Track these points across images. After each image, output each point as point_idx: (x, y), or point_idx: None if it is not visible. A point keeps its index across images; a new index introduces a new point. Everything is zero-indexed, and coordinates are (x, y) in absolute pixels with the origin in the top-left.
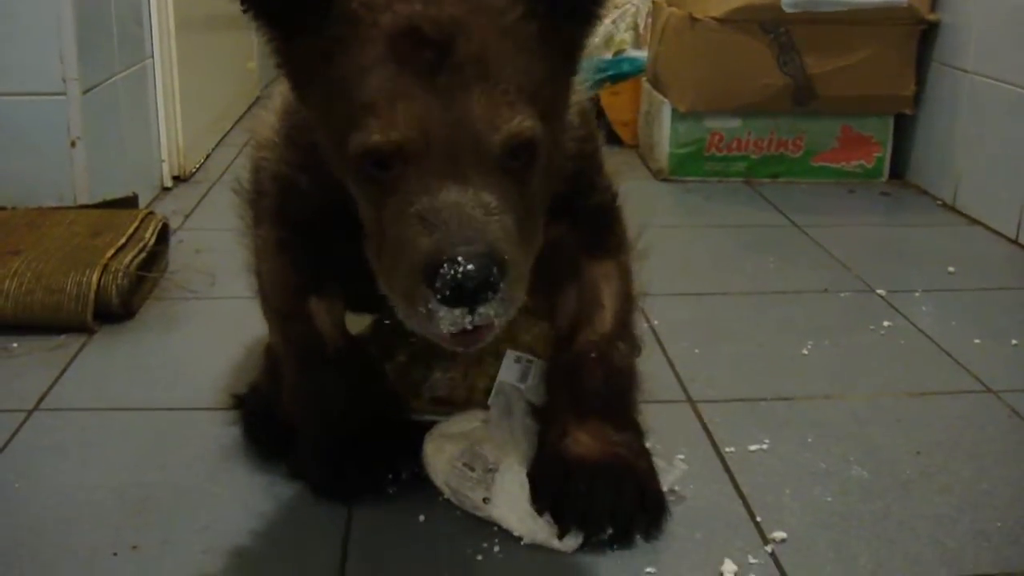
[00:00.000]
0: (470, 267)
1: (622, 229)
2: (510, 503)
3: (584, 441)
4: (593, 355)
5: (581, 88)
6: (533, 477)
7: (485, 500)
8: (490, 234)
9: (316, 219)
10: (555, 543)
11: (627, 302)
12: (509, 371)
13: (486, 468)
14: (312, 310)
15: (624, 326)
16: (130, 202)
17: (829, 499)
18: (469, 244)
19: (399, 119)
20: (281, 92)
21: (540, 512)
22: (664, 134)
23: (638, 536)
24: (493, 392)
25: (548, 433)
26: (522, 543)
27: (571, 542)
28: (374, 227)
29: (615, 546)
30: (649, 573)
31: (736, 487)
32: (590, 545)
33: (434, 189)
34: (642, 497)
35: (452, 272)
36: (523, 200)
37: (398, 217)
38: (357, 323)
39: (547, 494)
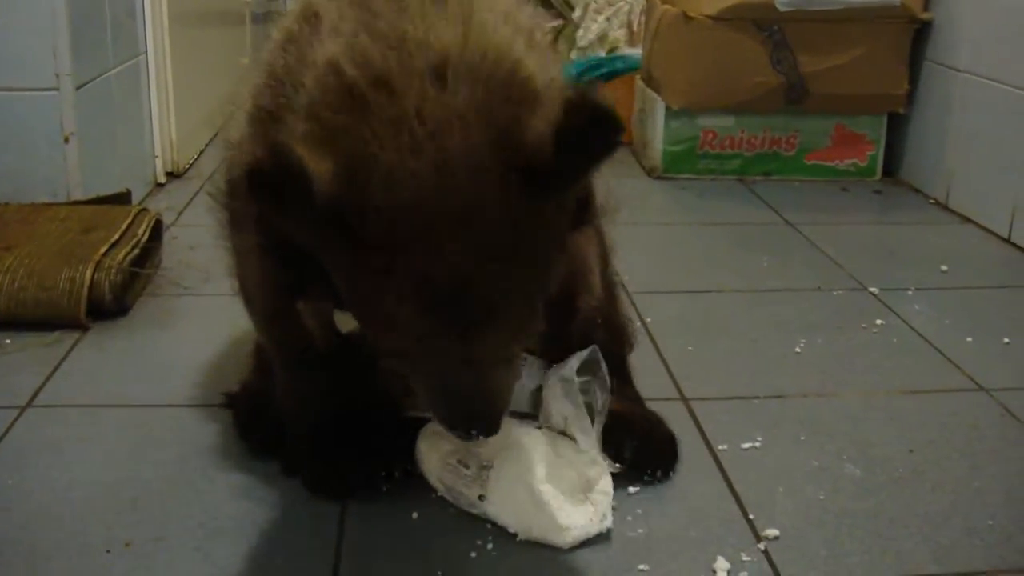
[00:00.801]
0: (480, 433)
1: (594, 195)
2: (505, 500)
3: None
4: (598, 319)
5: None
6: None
7: (480, 497)
8: (498, 404)
9: None
10: (550, 539)
11: (607, 262)
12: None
13: (480, 465)
14: (299, 311)
15: (610, 285)
16: (123, 198)
17: (822, 497)
18: (483, 425)
19: (419, 352)
20: (251, 92)
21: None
22: (657, 132)
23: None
24: None
25: None
26: (517, 539)
27: (567, 537)
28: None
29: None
30: (642, 571)
31: (729, 485)
32: (583, 542)
33: (448, 375)
34: (662, 442)
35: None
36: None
37: (416, 377)
38: (349, 321)
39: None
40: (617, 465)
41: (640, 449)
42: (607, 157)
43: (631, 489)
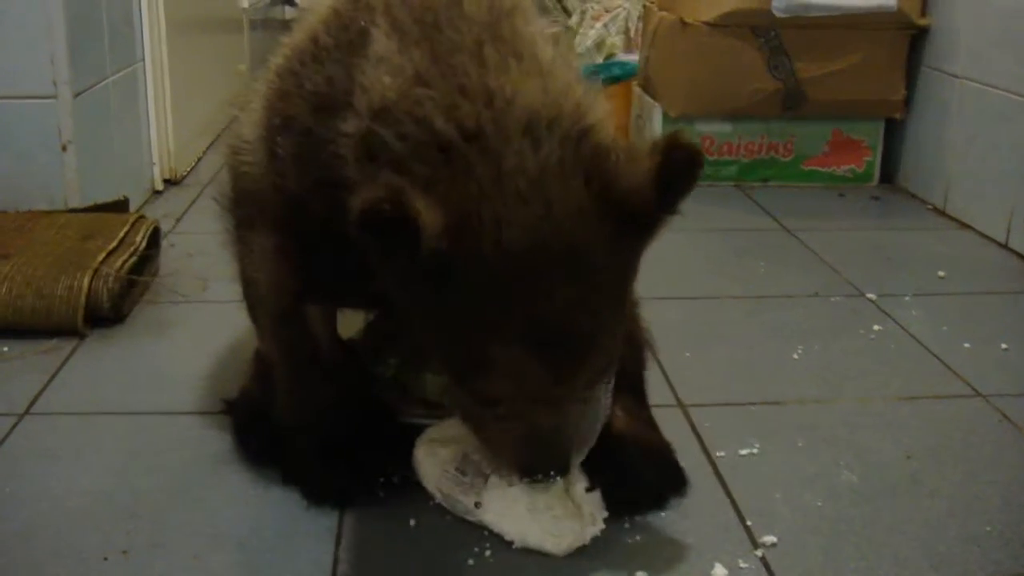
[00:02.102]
0: (558, 475)
1: None
2: (501, 507)
3: (620, 416)
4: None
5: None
6: None
7: (477, 504)
8: (575, 445)
9: (318, 230)
10: (547, 547)
11: None
12: None
13: (478, 472)
14: (308, 316)
15: (634, 302)
16: (121, 206)
17: (819, 503)
18: (562, 467)
19: (521, 402)
20: (264, 95)
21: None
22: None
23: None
24: None
25: None
26: (513, 547)
27: (562, 545)
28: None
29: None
30: (637, 575)
31: (727, 491)
32: (580, 549)
33: (535, 417)
34: (672, 471)
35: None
36: None
37: (493, 424)
38: (348, 327)
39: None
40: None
41: (639, 485)
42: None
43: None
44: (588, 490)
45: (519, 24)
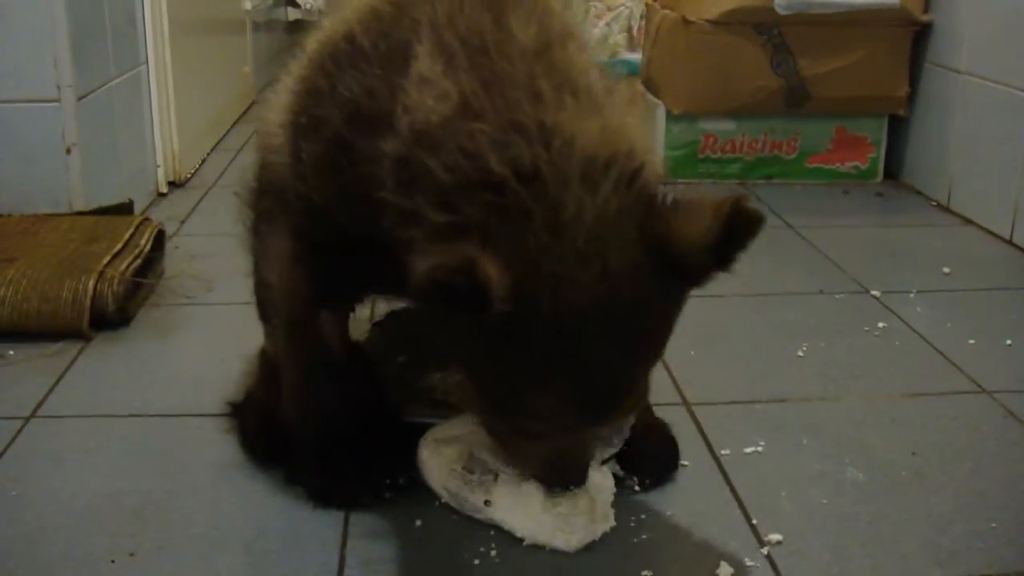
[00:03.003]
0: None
1: None
2: (511, 504)
3: None
4: None
5: None
6: None
7: (486, 502)
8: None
9: (337, 238)
10: (557, 544)
11: None
12: None
13: (486, 470)
14: (320, 321)
15: None
16: (125, 208)
17: (824, 501)
18: (580, 479)
19: (554, 436)
20: (295, 78)
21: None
22: (658, 136)
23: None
24: None
25: None
26: (523, 544)
27: (572, 541)
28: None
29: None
30: (643, 573)
31: (732, 489)
32: (586, 548)
33: (561, 444)
34: (670, 445)
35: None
36: None
37: (522, 447)
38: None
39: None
40: (618, 468)
41: (638, 456)
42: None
43: (634, 494)
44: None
45: (571, 52)
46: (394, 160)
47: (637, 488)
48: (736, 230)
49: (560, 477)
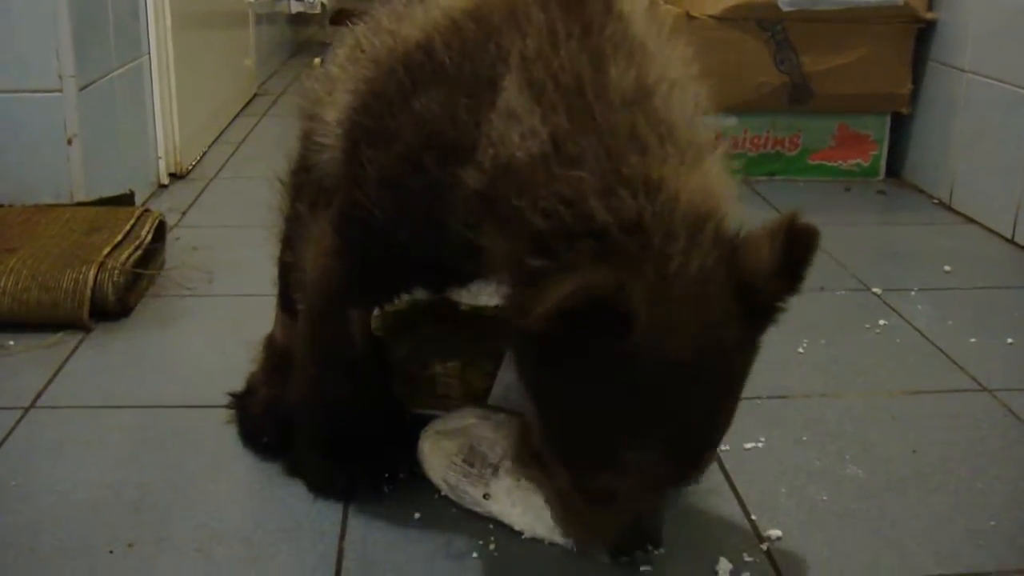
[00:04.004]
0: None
1: None
2: (513, 498)
3: None
4: None
5: None
6: None
7: (486, 496)
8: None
9: (389, 248)
10: (556, 538)
11: None
12: (510, 369)
13: (485, 464)
14: (349, 318)
15: None
16: (126, 199)
17: (824, 497)
18: (654, 543)
19: (633, 496)
20: (355, 79)
21: None
22: None
23: None
24: (494, 389)
25: None
26: (522, 538)
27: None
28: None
29: None
30: (645, 572)
31: (731, 486)
32: None
33: (638, 506)
34: None
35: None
36: None
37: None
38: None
39: None
40: None
41: None
42: None
43: None
44: None
45: (674, 101)
46: (475, 193)
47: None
48: (796, 249)
49: (636, 543)
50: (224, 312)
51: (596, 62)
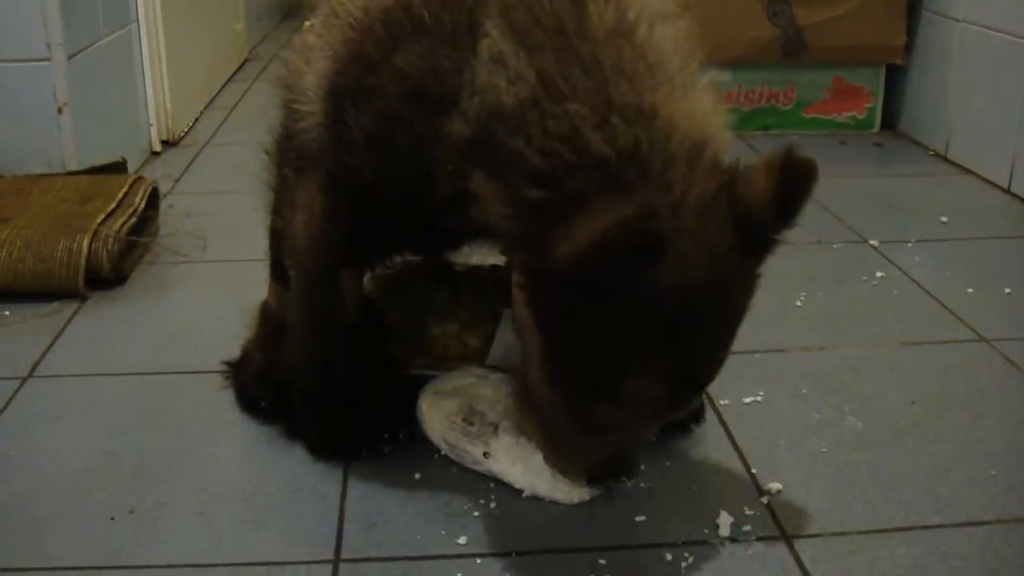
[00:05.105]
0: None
1: None
2: (513, 456)
3: None
4: None
5: None
6: None
7: (486, 454)
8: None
9: (380, 207)
10: (556, 495)
11: None
12: (507, 329)
13: (485, 423)
14: (341, 280)
15: None
16: (119, 167)
17: (824, 450)
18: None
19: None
20: (332, 43)
21: None
22: None
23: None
24: (492, 349)
25: None
26: (523, 496)
27: (574, 497)
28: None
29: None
30: (643, 523)
31: (731, 439)
32: (589, 497)
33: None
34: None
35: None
36: None
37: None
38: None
39: None
40: None
41: None
42: None
43: None
44: None
45: (657, 33)
46: (463, 141)
47: (652, 438)
48: (792, 182)
49: (611, 471)
50: (219, 278)
51: (575, 1)
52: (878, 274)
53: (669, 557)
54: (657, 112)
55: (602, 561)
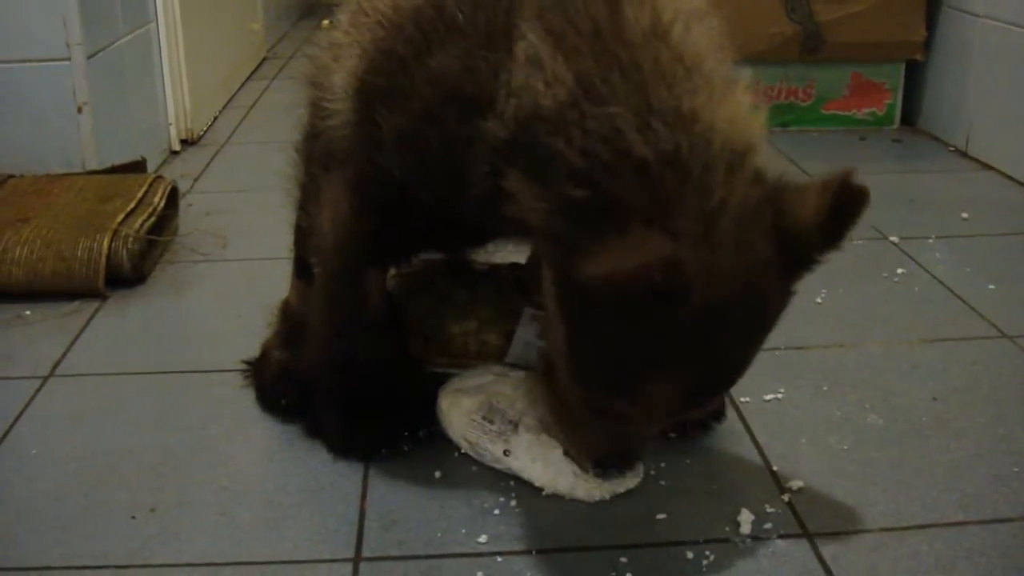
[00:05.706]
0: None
1: None
2: (533, 454)
3: None
4: None
5: None
6: None
7: (506, 452)
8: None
9: (410, 206)
10: (577, 493)
11: None
12: (527, 327)
13: (505, 420)
14: (366, 278)
15: None
16: (139, 167)
17: (845, 447)
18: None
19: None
20: (361, 43)
21: None
22: None
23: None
24: (511, 347)
25: None
26: (543, 494)
27: (594, 494)
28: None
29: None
30: (664, 521)
31: (752, 437)
32: (610, 496)
33: (638, 430)
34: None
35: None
36: None
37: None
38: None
39: None
40: None
41: None
42: None
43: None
44: None
45: (695, 35)
46: (499, 142)
47: (672, 435)
48: (846, 206)
49: (618, 460)
50: (239, 276)
51: (610, 4)
52: (899, 270)
53: (690, 555)
54: (697, 117)
55: (623, 559)
